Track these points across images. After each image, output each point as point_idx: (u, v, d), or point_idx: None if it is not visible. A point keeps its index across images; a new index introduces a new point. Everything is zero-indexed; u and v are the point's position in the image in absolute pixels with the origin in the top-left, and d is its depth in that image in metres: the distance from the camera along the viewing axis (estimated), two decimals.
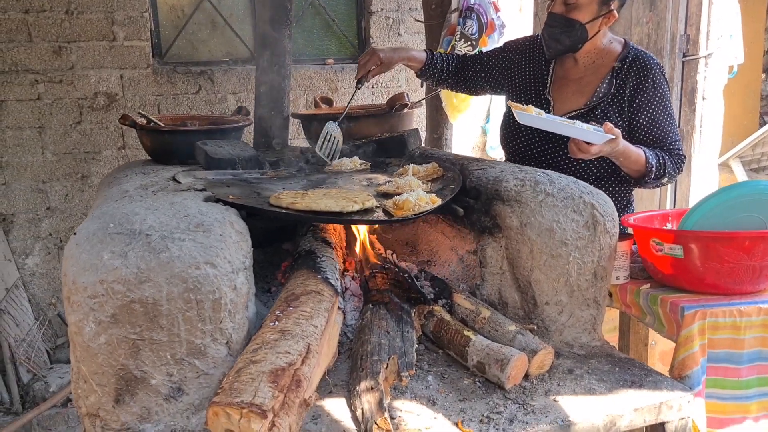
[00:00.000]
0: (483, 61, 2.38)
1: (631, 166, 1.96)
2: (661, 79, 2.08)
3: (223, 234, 1.41)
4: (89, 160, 3.71)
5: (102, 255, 1.32)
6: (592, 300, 1.67)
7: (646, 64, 2.07)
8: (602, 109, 2.08)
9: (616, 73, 2.09)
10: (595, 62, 2.14)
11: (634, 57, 2.09)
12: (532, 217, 1.65)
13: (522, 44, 2.30)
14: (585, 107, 2.10)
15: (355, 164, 2.18)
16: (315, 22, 4.13)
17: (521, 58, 2.27)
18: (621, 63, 2.09)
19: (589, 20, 2.01)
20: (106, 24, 3.61)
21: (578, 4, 1.98)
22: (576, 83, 2.15)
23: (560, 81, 2.18)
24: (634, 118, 2.07)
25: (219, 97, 3.86)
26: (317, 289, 1.56)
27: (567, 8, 2.00)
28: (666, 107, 2.08)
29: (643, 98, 2.05)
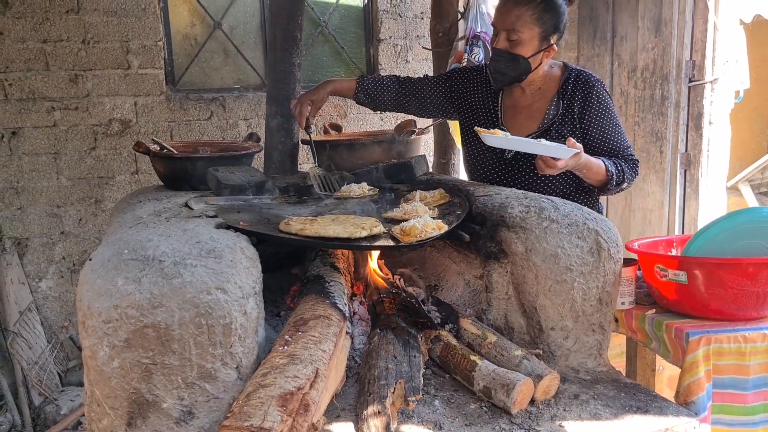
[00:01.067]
0: (430, 86, 2.43)
1: (593, 177, 2.08)
2: (604, 93, 2.20)
3: (233, 260, 1.45)
4: (103, 185, 3.77)
5: (116, 280, 1.35)
6: (597, 325, 1.69)
7: (587, 82, 2.19)
8: (556, 131, 2.18)
9: (561, 96, 2.19)
10: (541, 88, 2.24)
11: (576, 77, 2.21)
12: (536, 244, 1.67)
13: (469, 74, 2.39)
14: (538, 130, 2.19)
15: (363, 190, 2.21)
16: (324, 49, 4.21)
17: (469, 88, 2.36)
18: (564, 85, 2.20)
19: (532, 55, 2.11)
20: (121, 53, 3.70)
21: (521, 41, 2.09)
22: (526, 110, 2.26)
23: (510, 110, 2.28)
24: (587, 133, 2.18)
25: (230, 123, 3.93)
26: (326, 314, 1.59)
27: (510, 44, 2.10)
28: (613, 118, 2.22)
29: (592, 114, 2.17)
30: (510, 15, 2.08)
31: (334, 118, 4.12)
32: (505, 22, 2.09)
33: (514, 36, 2.08)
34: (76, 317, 3.89)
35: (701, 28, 4.86)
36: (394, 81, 2.46)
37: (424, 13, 4.19)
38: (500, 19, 2.11)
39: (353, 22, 4.23)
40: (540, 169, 1.95)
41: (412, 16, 4.19)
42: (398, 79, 2.47)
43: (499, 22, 2.12)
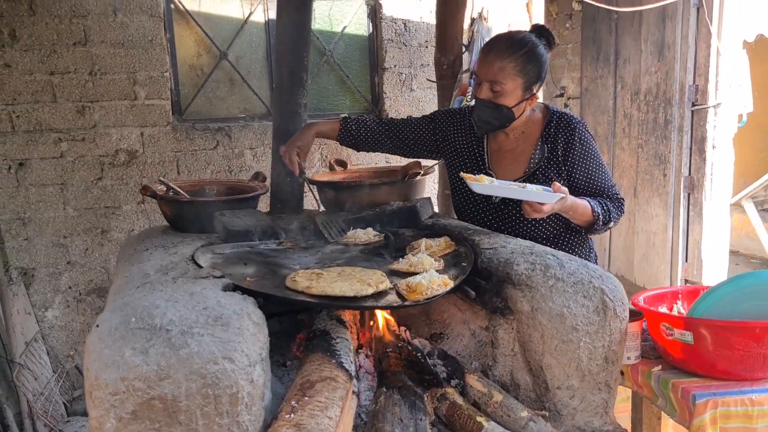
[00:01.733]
0: (413, 129, 2.44)
1: (580, 218, 2.10)
2: (586, 134, 2.24)
3: (240, 327, 1.45)
4: (109, 215, 3.79)
5: (124, 351, 1.36)
6: (603, 384, 1.69)
7: (569, 125, 2.22)
8: (542, 174, 2.21)
9: (544, 139, 2.22)
10: (524, 132, 2.27)
11: (558, 120, 2.24)
12: (542, 303, 1.67)
13: (452, 117, 2.40)
14: (524, 175, 2.22)
15: (368, 236, 2.22)
16: (329, 78, 4.23)
17: (453, 131, 2.38)
18: (547, 128, 2.23)
19: (515, 104, 2.14)
20: (128, 84, 3.73)
21: (504, 92, 2.11)
22: (510, 154, 2.29)
23: (496, 154, 2.31)
24: (572, 175, 2.21)
25: (236, 153, 3.95)
26: (332, 375, 1.59)
27: (494, 94, 2.12)
28: (597, 159, 2.24)
29: (575, 156, 2.20)
30: (493, 66, 2.09)
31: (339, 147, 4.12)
32: (488, 73, 2.10)
33: (497, 87, 2.10)
34: (81, 346, 3.91)
35: (704, 53, 4.87)
36: (378, 123, 2.48)
37: (428, 42, 4.21)
38: (483, 69, 2.13)
39: (358, 51, 4.25)
40: (527, 214, 1.98)
41: (416, 45, 4.21)
42: (381, 121, 2.49)
43: (482, 72, 2.13)
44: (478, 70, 2.16)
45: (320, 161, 4.13)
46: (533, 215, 1.97)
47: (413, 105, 4.28)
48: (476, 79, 2.19)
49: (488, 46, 2.16)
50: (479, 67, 2.16)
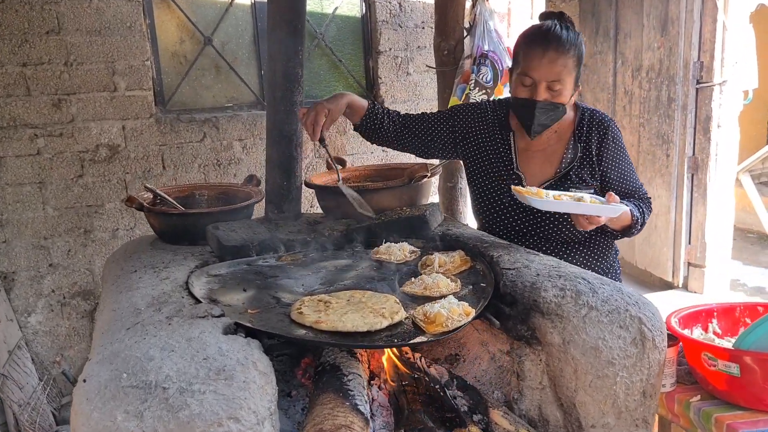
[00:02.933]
0: (432, 124, 2.28)
1: (620, 224, 2.02)
2: (618, 133, 2.18)
3: (246, 380, 1.29)
4: (92, 214, 3.59)
5: (115, 415, 1.20)
6: (641, 420, 1.55)
7: (603, 123, 2.15)
8: (575, 174, 2.12)
9: (577, 138, 2.14)
10: (557, 131, 2.14)
11: (590, 118, 2.16)
12: (575, 335, 1.53)
13: (473, 112, 2.25)
14: (556, 175, 2.13)
15: (404, 253, 2.03)
16: (321, 62, 4.01)
17: (475, 127, 2.23)
18: (579, 127, 2.14)
19: (568, 100, 2.04)
20: (107, 74, 3.50)
21: (562, 90, 1.99)
22: (541, 154, 2.17)
23: (524, 153, 2.18)
24: (605, 175, 2.14)
25: (224, 145, 3.74)
26: (347, 423, 1.44)
27: (552, 94, 1.99)
28: (627, 158, 2.18)
29: (609, 156, 2.13)
30: (555, 65, 1.95)
31: (333, 136, 3.95)
32: (550, 73, 1.96)
33: (557, 86, 1.97)
34: (68, 351, 3.75)
35: (710, 28, 4.69)
36: (399, 115, 2.30)
37: (425, 22, 4.00)
38: (543, 70, 1.96)
39: (351, 33, 4.03)
40: (581, 226, 1.90)
41: (412, 26, 4.00)
42: (401, 114, 2.31)
43: (541, 72, 1.96)
44: (534, 71, 1.98)
45: (313, 152, 3.94)
46: (588, 227, 1.90)
47: (410, 90, 4.09)
48: (523, 80, 2.01)
49: (541, 45, 1.96)
50: (535, 66, 1.97)
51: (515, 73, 2.07)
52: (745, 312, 1.79)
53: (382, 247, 2.07)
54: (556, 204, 1.87)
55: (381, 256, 2.04)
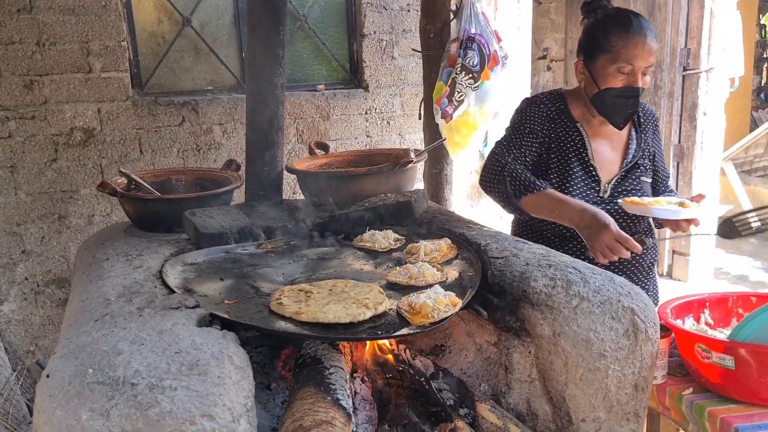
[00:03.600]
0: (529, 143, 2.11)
1: None
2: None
3: (221, 375, 1.22)
4: (66, 200, 3.48)
5: (80, 413, 1.12)
6: (632, 414, 1.50)
7: (653, 114, 2.21)
8: (641, 164, 2.12)
9: (636, 128, 2.15)
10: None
11: (642, 109, 2.18)
12: (566, 326, 1.47)
13: (541, 106, 2.13)
14: (624, 165, 2.11)
15: (389, 241, 1.97)
16: (304, 46, 3.91)
17: (549, 126, 2.11)
18: (638, 117, 2.15)
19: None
20: (81, 55, 3.37)
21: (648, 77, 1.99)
22: (608, 143, 2.13)
23: (594, 145, 2.11)
24: (654, 164, 2.19)
25: (204, 129, 3.64)
26: (328, 419, 1.38)
27: (644, 81, 1.98)
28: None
29: (657, 145, 2.21)
30: (653, 53, 1.96)
31: (315, 121, 3.85)
32: (648, 60, 1.95)
33: (649, 72, 1.97)
34: (42, 341, 3.64)
35: (697, 14, 4.64)
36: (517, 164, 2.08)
37: (410, 5, 3.91)
38: (644, 57, 1.94)
39: (335, 15, 3.93)
40: (682, 229, 1.94)
41: (398, 9, 3.90)
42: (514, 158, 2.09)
43: (642, 59, 1.94)
44: (635, 59, 1.93)
45: (295, 137, 3.85)
46: (687, 230, 1.94)
47: (395, 74, 4.00)
48: (622, 68, 1.94)
49: (642, 32, 1.93)
50: (637, 55, 1.93)
51: (605, 60, 1.97)
52: (738, 302, 1.75)
53: (366, 235, 2.00)
54: (684, 212, 1.87)
55: (364, 244, 1.97)
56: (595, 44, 1.99)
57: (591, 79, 2.02)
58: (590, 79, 2.02)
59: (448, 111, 3.07)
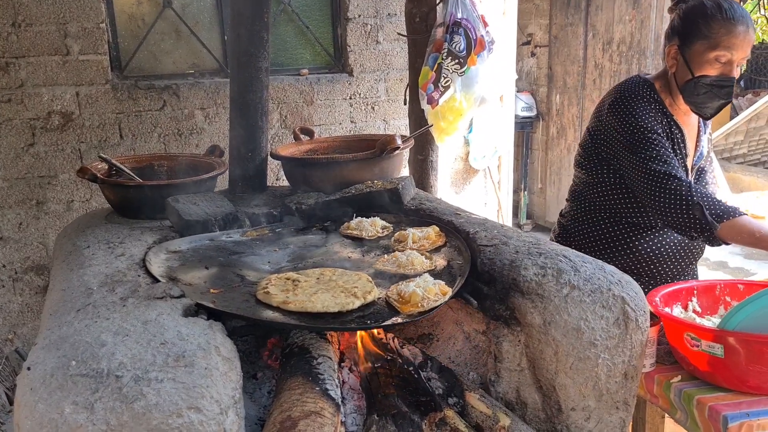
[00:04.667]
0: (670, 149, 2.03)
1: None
2: None
3: (208, 366, 1.20)
4: (44, 185, 3.40)
5: (63, 407, 1.09)
6: (621, 402, 1.51)
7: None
8: (708, 152, 2.18)
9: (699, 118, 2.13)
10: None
11: None
12: (557, 315, 1.46)
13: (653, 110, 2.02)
14: (697, 153, 2.14)
15: (376, 229, 1.94)
16: (288, 29, 3.85)
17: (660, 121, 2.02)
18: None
19: None
20: (59, 37, 3.28)
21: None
22: (689, 132, 2.11)
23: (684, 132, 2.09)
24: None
25: (185, 114, 3.57)
26: (317, 409, 1.36)
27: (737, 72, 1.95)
28: None
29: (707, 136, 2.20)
30: (751, 44, 1.91)
31: (299, 106, 3.80)
32: (746, 51, 1.91)
33: (742, 63, 1.94)
34: (21, 329, 3.57)
35: None
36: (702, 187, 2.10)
37: None
38: (744, 47, 1.90)
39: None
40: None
41: None
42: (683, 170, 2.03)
43: (742, 50, 1.90)
44: (735, 49, 1.89)
45: (279, 122, 3.79)
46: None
47: (380, 59, 3.95)
48: (720, 57, 1.90)
49: (743, 23, 1.89)
50: (737, 44, 1.88)
51: (703, 47, 1.91)
52: (726, 290, 1.75)
53: (353, 223, 1.98)
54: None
55: (351, 232, 1.94)
56: (694, 30, 1.93)
57: (685, 66, 1.95)
58: (684, 65, 1.95)
59: (434, 97, 3.03)
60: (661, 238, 2.10)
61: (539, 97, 6.14)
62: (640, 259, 2.09)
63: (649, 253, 2.08)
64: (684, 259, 2.15)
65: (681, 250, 2.12)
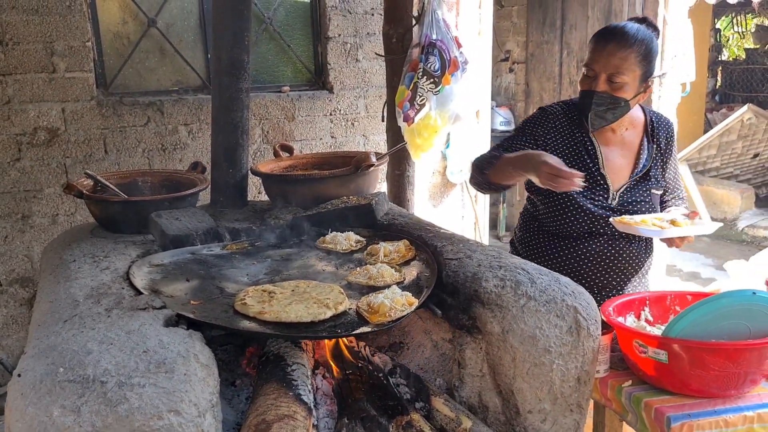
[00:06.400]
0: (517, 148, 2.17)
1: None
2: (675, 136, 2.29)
3: (187, 372, 1.29)
4: (30, 199, 3.47)
5: (51, 410, 1.18)
6: (575, 405, 1.62)
7: (668, 124, 2.25)
8: (653, 174, 2.19)
9: (650, 137, 2.20)
10: (628, 129, 2.19)
11: (656, 119, 2.24)
12: (514, 324, 1.57)
13: (546, 121, 2.20)
14: (634, 175, 2.18)
15: (350, 243, 2.04)
16: (269, 47, 3.96)
17: (554, 135, 2.19)
18: (650, 126, 2.21)
19: (632, 97, 2.06)
20: (45, 55, 3.37)
21: (623, 84, 2.01)
22: (619, 153, 2.20)
23: (605, 153, 2.19)
24: (665, 174, 2.25)
25: (169, 129, 3.66)
26: (290, 413, 1.45)
27: (612, 87, 2.02)
28: (677, 160, 2.31)
29: (671, 155, 2.25)
30: (614, 57, 1.99)
31: (281, 122, 3.90)
32: (609, 65, 2.00)
33: (617, 79, 2.00)
34: (5, 340, 3.63)
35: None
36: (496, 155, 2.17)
37: (374, 9, 3.98)
38: (602, 61, 2.00)
39: (300, 18, 3.98)
40: (675, 245, 2.05)
41: (362, 13, 3.98)
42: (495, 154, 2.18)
43: (600, 64, 2.01)
44: (594, 62, 2.02)
45: (261, 137, 3.89)
46: (681, 245, 2.05)
47: (359, 77, 4.07)
48: (586, 71, 2.05)
49: (604, 38, 2.03)
50: (595, 58, 2.02)
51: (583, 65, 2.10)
52: (675, 300, 1.87)
53: (328, 237, 2.08)
54: (667, 232, 1.96)
55: (327, 246, 2.05)
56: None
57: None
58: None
59: (410, 114, 3.15)
60: (582, 247, 2.15)
61: (517, 111, 6.30)
62: (563, 268, 2.16)
63: (570, 262, 2.17)
64: (608, 271, 2.17)
65: (602, 261, 2.15)
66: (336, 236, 2.06)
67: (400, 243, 1.98)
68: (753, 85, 10.53)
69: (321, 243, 2.08)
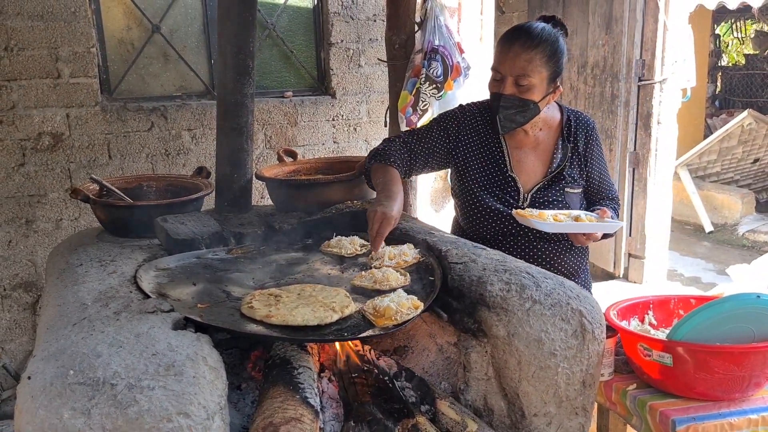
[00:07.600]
0: (425, 139, 2.19)
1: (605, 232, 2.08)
2: (598, 135, 2.25)
3: (196, 375, 1.30)
4: (34, 204, 3.49)
5: (62, 413, 1.19)
6: (580, 408, 1.62)
7: (587, 123, 2.22)
8: (568, 173, 2.16)
9: (566, 137, 2.18)
10: (542, 129, 2.19)
11: (575, 118, 2.21)
12: (519, 328, 1.58)
13: (459, 118, 2.22)
14: (548, 174, 2.16)
15: (355, 247, 2.05)
16: (273, 53, 3.98)
17: (465, 133, 2.20)
18: (567, 126, 2.18)
19: (541, 99, 2.04)
20: (50, 60, 3.39)
21: (531, 86, 2.00)
22: (531, 154, 2.19)
23: (516, 155, 2.18)
24: (589, 174, 2.22)
25: (173, 134, 3.68)
26: (297, 416, 1.46)
27: (519, 89, 2.01)
28: (604, 159, 2.27)
29: (593, 155, 2.21)
30: (519, 60, 1.97)
31: (284, 127, 3.92)
32: (514, 68, 1.98)
33: (524, 81, 1.98)
34: (9, 345, 3.64)
35: (651, 28, 4.85)
36: (402, 145, 2.18)
37: (377, 15, 4.01)
38: (507, 63, 1.99)
39: (303, 24, 4.01)
40: (579, 242, 2.04)
41: (364, 19, 4.00)
42: (404, 141, 2.19)
43: (505, 67, 2.00)
44: (500, 65, 2.02)
45: (264, 143, 3.91)
46: (586, 243, 2.04)
47: (361, 82, 4.09)
48: (494, 74, 2.05)
49: (509, 39, 2.01)
50: (501, 60, 2.02)
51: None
52: (679, 304, 1.88)
53: (333, 241, 2.09)
54: (562, 226, 1.95)
55: (331, 250, 2.06)
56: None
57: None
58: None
59: (413, 120, 3.17)
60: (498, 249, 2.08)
61: None
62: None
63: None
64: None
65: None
66: (341, 240, 2.07)
67: (404, 247, 1.99)
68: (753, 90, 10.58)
69: (326, 247, 2.09)
